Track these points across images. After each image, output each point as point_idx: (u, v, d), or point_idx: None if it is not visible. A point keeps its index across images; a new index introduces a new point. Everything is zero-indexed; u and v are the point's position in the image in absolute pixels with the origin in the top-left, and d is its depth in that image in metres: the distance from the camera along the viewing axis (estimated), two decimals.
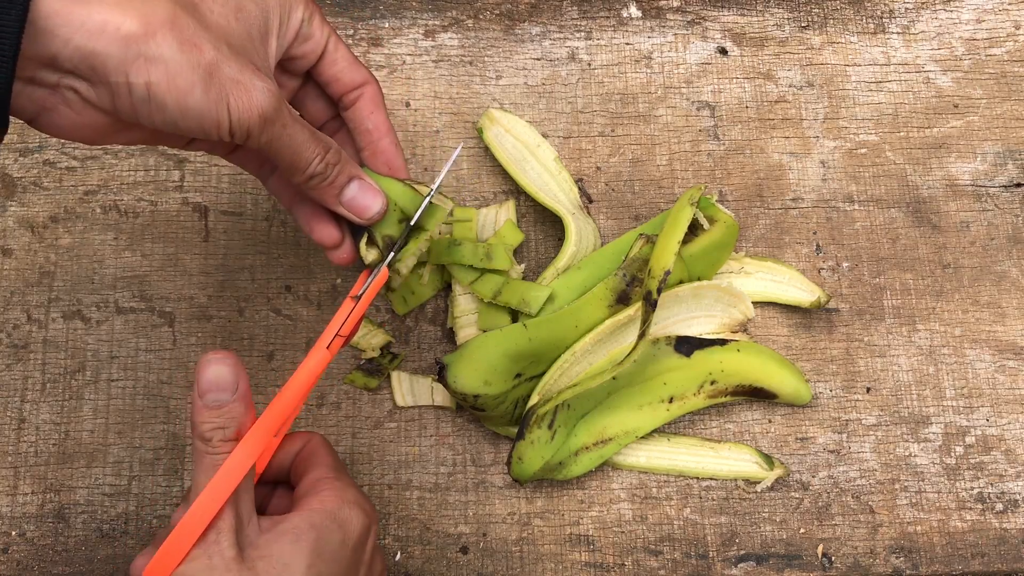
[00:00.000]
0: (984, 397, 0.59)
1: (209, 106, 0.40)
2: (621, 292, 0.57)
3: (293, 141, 0.44)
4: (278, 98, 0.43)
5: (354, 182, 0.48)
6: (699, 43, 0.67)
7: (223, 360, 0.43)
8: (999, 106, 0.66)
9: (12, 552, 0.56)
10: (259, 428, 0.43)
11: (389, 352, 0.59)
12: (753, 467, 0.57)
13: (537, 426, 0.54)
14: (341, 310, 0.47)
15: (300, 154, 0.45)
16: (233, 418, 0.43)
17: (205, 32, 0.41)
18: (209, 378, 0.43)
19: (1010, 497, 0.58)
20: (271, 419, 0.44)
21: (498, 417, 0.56)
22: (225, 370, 0.43)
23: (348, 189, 0.48)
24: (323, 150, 0.46)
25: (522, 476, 0.54)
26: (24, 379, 0.59)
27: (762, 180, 0.64)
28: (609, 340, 0.57)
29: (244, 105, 0.41)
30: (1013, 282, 0.62)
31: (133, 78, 0.39)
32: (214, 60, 0.40)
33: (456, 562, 0.56)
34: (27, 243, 0.61)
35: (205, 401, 0.43)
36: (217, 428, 0.43)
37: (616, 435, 0.56)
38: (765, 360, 0.58)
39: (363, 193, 0.48)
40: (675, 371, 0.57)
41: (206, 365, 0.43)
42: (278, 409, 0.45)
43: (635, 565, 0.56)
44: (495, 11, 0.67)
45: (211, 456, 0.43)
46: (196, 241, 0.62)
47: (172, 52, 0.39)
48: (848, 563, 0.56)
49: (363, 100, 0.50)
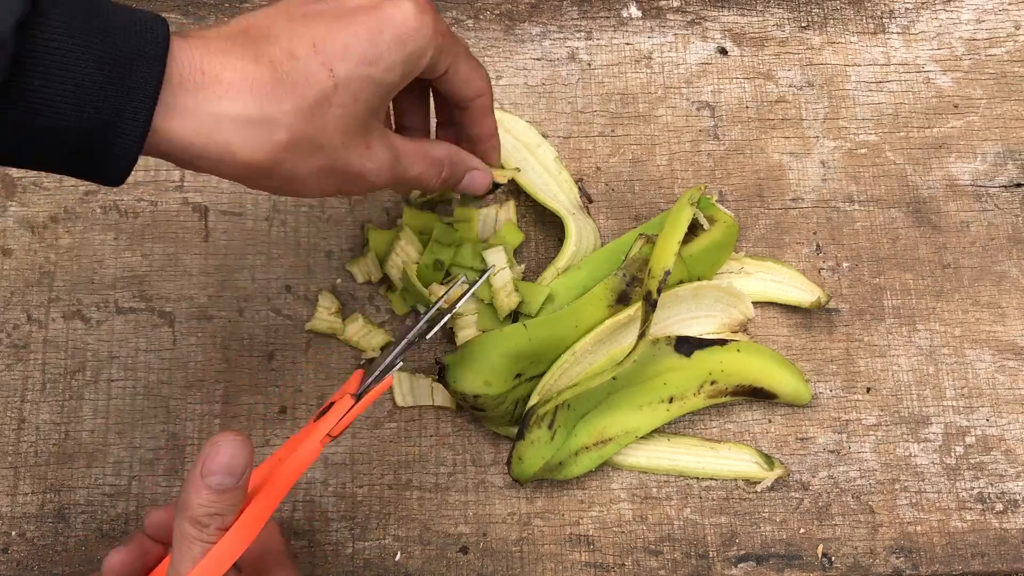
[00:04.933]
0: (984, 397, 0.59)
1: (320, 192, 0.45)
2: (621, 292, 0.57)
3: (413, 183, 0.48)
4: (391, 168, 0.46)
5: (465, 177, 0.52)
6: (699, 43, 0.67)
7: (241, 443, 0.40)
8: (999, 106, 0.66)
9: (12, 552, 0.56)
10: (249, 519, 0.41)
11: None
12: (753, 467, 0.57)
13: (537, 426, 0.54)
14: (338, 407, 0.45)
15: (421, 184, 0.49)
16: (232, 506, 0.40)
17: (324, 134, 0.42)
18: (223, 460, 0.39)
19: (1010, 497, 0.58)
20: (261, 510, 0.42)
21: (498, 417, 0.56)
22: (241, 456, 0.40)
23: (462, 183, 0.52)
24: (437, 173, 0.49)
25: (522, 476, 0.54)
26: (24, 379, 0.59)
27: (762, 180, 0.64)
28: (609, 340, 0.57)
29: (356, 189, 0.46)
30: (1013, 282, 0.62)
31: (263, 186, 0.43)
32: (329, 163, 0.43)
33: (456, 562, 0.56)
34: (27, 243, 0.61)
35: (209, 482, 0.39)
36: (215, 515, 0.40)
37: (616, 435, 0.56)
38: (765, 360, 0.58)
39: (472, 182, 0.52)
40: (675, 371, 0.57)
41: (221, 446, 0.40)
42: (267, 501, 0.42)
43: (635, 565, 0.56)
44: (495, 11, 0.67)
45: (200, 543, 0.40)
46: (196, 241, 0.62)
47: (295, 171, 0.42)
48: (848, 563, 0.56)
49: (474, 108, 0.50)
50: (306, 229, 0.62)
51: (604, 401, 0.56)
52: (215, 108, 0.39)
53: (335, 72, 0.41)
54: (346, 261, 0.61)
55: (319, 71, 0.40)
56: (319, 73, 0.40)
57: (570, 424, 0.56)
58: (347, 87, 0.41)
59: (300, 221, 0.62)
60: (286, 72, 0.40)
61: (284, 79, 0.40)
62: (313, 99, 0.40)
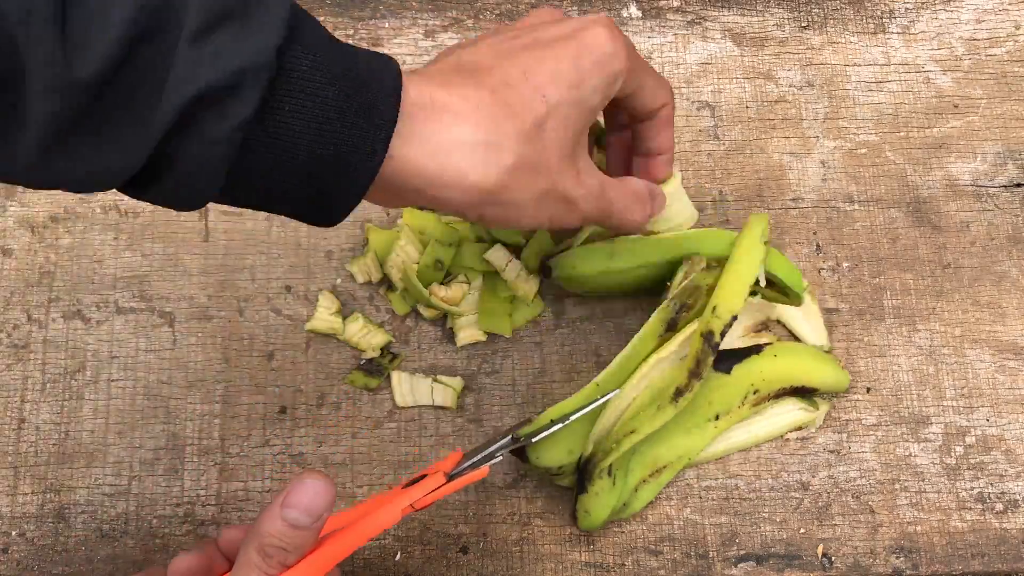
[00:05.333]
0: (984, 397, 0.59)
1: (535, 220, 0.45)
2: (670, 320, 0.54)
3: (618, 216, 0.49)
4: (598, 197, 0.47)
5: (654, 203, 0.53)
6: (699, 43, 0.67)
7: (326, 487, 0.41)
8: (999, 106, 0.66)
9: (12, 552, 0.56)
10: (313, 564, 0.41)
11: (389, 352, 0.59)
12: (800, 413, 0.57)
13: (599, 477, 0.52)
14: (429, 480, 0.46)
15: (626, 217, 0.50)
16: (300, 546, 0.41)
17: (543, 157, 0.43)
18: (306, 499, 0.40)
19: (1010, 497, 0.58)
20: (327, 558, 0.42)
21: (571, 475, 0.54)
22: (325, 498, 0.41)
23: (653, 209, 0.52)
24: (641, 208, 0.50)
25: (592, 527, 0.54)
26: (24, 379, 0.59)
27: (762, 180, 0.64)
28: (650, 373, 0.54)
29: (568, 218, 0.46)
30: (1013, 282, 0.62)
31: (486, 214, 0.43)
32: (548, 187, 0.44)
33: (456, 562, 0.56)
34: (27, 243, 0.61)
35: (286, 515, 0.40)
36: (283, 549, 0.40)
37: (670, 462, 0.56)
38: (802, 359, 0.58)
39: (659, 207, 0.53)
40: (719, 390, 0.56)
41: (309, 485, 0.41)
42: (335, 551, 0.42)
43: (635, 565, 0.56)
44: (495, 11, 0.67)
45: (259, 572, 0.40)
46: (196, 241, 0.62)
47: (518, 196, 0.43)
48: (848, 563, 0.56)
49: (659, 119, 0.51)
50: (306, 229, 0.62)
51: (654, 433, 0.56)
52: (447, 135, 0.40)
53: (547, 96, 0.43)
54: (346, 261, 0.61)
55: (533, 96, 0.42)
56: (533, 97, 0.42)
57: (625, 464, 0.54)
58: (558, 110, 0.43)
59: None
60: (504, 98, 0.42)
61: (504, 104, 0.42)
62: (532, 122, 0.42)
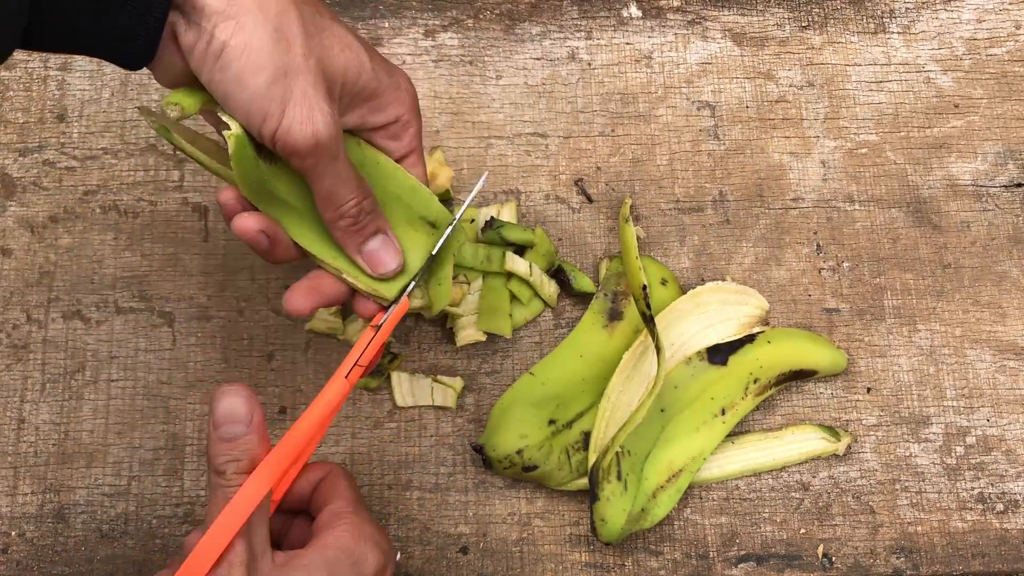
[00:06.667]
0: (985, 397, 0.59)
1: (266, 97, 0.42)
2: (610, 310, 0.58)
3: (338, 176, 0.45)
4: (337, 130, 0.44)
5: (380, 236, 0.48)
6: (699, 43, 0.67)
7: (237, 392, 0.43)
8: (1000, 106, 0.65)
9: (12, 552, 0.56)
10: (272, 460, 0.43)
11: (389, 352, 0.59)
12: (821, 443, 0.57)
13: (607, 481, 0.53)
14: (361, 339, 0.47)
15: (339, 191, 0.46)
16: (247, 450, 0.43)
17: (308, 44, 0.42)
18: (223, 410, 0.42)
19: (1011, 497, 0.57)
20: (285, 450, 0.44)
21: (556, 471, 0.55)
22: (239, 402, 0.43)
23: (372, 241, 0.48)
24: (361, 196, 0.47)
25: (612, 536, 0.53)
26: (24, 379, 0.59)
27: (762, 180, 0.64)
28: (635, 372, 0.56)
29: (300, 117, 0.42)
30: (1014, 282, 0.62)
31: (219, 33, 0.41)
32: (296, 67, 0.42)
33: (456, 562, 0.56)
34: (27, 243, 0.61)
35: (219, 433, 0.42)
36: (231, 460, 0.42)
37: (685, 464, 0.56)
38: (797, 342, 0.58)
39: (385, 248, 0.49)
40: (718, 383, 0.57)
41: (220, 397, 0.43)
42: (293, 440, 0.44)
43: (635, 565, 0.56)
44: (495, 11, 0.67)
45: (224, 488, 0.42)
46: (196, 241, 0.62)
47: (264, 33, 0.41)
48: (848, 563, 0.56)
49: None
50: None
51: (661, 436, 0.56)
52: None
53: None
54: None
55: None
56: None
57: (637, 469, 0.55)
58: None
59: None
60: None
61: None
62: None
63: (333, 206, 0.46)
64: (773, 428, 0.59)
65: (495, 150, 0.64)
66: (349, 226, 0.47)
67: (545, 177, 0.63)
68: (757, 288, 0.61)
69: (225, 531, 0.41)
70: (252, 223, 0.46)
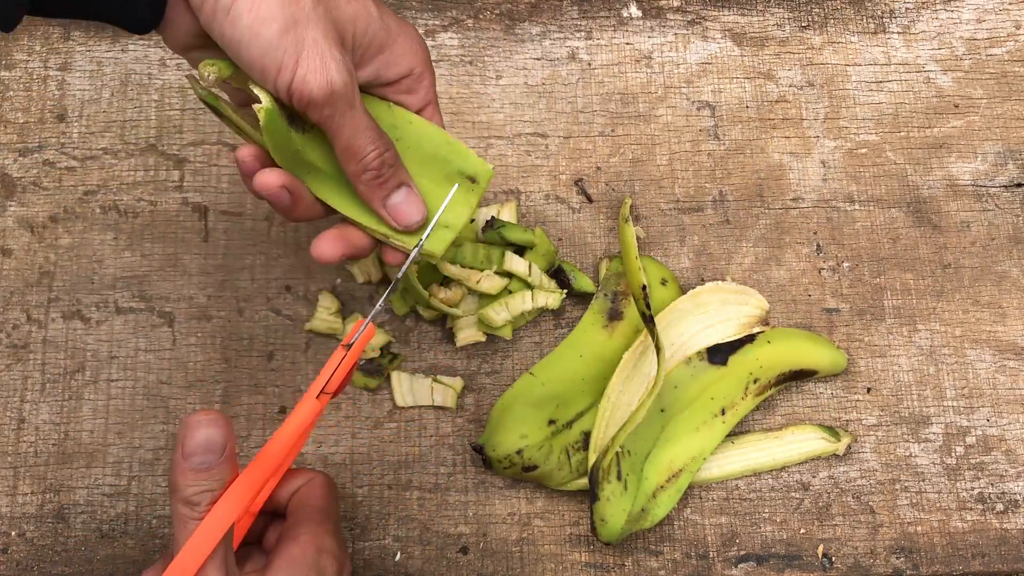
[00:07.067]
0: (984, 397, 0.59)
1: (279, 48, 0.41)
2: (610, 310, 0.58)
3: (356, 127, 0.44)
4: (351, 78, 0.43)
5: (403, 188, 0.48)
6: (699, 43, 0.67)
7: (214, 422, 0.41)
8: (1000, 106, 0.65)
9: (12, 552, 0.56)
10: (241, 486, 0.42)
11: (389, 352, 0.59)
12: (821, 443, 0.57)
13: (607, 480, 0.53)
14: (332, 359, 0.46)
15: (359, 142, 0.45)
16: (220, 478, 0.41)
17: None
18: (199, 441, 0.41)
19: (1011, 497, 0.57)
20: (255, 475, 0.43)
21: (556, 471, 0.55)
22: (216, 433, 0.41)
23: (397, 194, 0.47)
24: (383, 147, 0.46)
25: (612, 536, 0.53)
26: (24, 379, 0.59)
27: (762, 180, 0.64)
28: (635, 372, 0.57)
29: (314, 67, 0.42)
30: (1014, 282, 0.62)
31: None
32: (305, 16, 0.42)
33: (456, 562, 0.56)
34: (27, 243, 0.61)
35: (191, 464, 0.41)
36: (205, 491, 0.41)
37: (685, 464, 0.56)
38: (797, 342, 0.58)
39: (408, 201, 0.48)
40: (718, 382, 0.57)
41: (196, 427, 0.41)
42: (263, 464, 0.43)
43: (635, 565, 0.56)
44: (495, 11, 0.67)
45: (193, 521, 0.41)
46: (196, 241, 0.62)
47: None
48: (848, 563, 0.56)
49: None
50: (306, 229, 0.62)
51: (661, 436, 0.56)
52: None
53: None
54: (346, 261, 0.61)
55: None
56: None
57: (637, 469, 0.55)
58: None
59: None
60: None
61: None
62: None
63: (355, 158, 0.45)
64: (773, 428, 0.59)
65: (495, 150, 0.64)
66: (372, 179, 0.46)
67: (545, 177, 0.63)
68: (757, 288, 0.61)
69: (194, 558, 0.40)
70: (274, 179, 0.45)
